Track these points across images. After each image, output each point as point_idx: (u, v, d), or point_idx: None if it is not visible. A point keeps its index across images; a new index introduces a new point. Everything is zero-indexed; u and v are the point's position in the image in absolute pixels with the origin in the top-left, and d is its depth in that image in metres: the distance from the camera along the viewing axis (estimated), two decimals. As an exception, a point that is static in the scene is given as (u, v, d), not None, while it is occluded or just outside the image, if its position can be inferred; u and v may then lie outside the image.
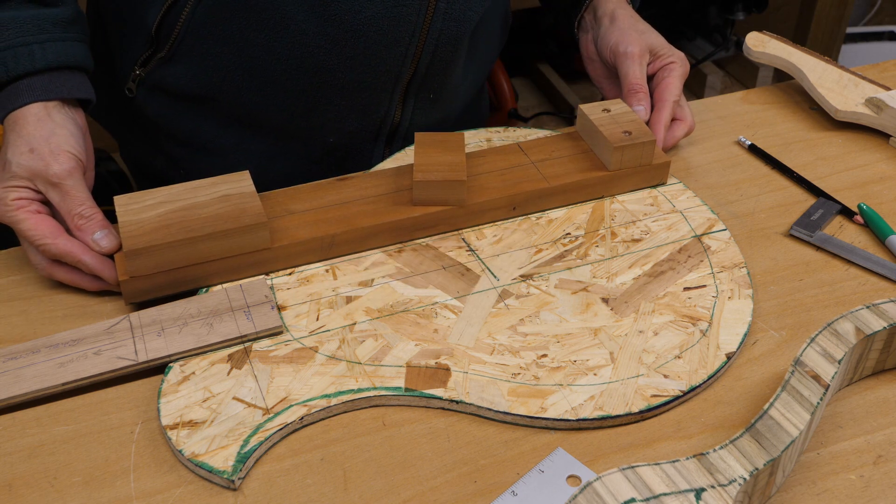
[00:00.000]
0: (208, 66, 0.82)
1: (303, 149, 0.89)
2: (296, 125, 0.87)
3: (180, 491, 0.54)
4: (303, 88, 0.83)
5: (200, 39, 0.81)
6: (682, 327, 0.65)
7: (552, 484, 0.55)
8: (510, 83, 1.82)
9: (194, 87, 0.84)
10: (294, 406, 0.58)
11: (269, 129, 0.87)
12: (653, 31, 0.87)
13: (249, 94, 0.84)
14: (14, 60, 0.69)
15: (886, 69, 1.00)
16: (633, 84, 0.83)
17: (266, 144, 0.89)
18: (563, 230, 0.74)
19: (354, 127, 0.88)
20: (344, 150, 0.90)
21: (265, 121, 0.87)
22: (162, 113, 0.87)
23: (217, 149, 0.89)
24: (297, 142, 0.89)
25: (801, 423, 0.53)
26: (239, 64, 0.82)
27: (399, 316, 0.65)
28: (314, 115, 0.86)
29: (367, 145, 0.91)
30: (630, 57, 0.84)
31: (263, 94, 0.84)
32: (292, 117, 0.86)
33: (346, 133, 0.89)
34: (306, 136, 0.88)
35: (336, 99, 0.85)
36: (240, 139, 0.88)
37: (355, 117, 0.87)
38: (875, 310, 0.60)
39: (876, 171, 0.83)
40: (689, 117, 0.84)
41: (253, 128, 0.87)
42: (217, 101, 0.85)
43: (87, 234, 0.66)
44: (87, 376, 0.60)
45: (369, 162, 0.91)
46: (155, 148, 0.91)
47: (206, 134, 0.88)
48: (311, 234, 0.69)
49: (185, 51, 0.82)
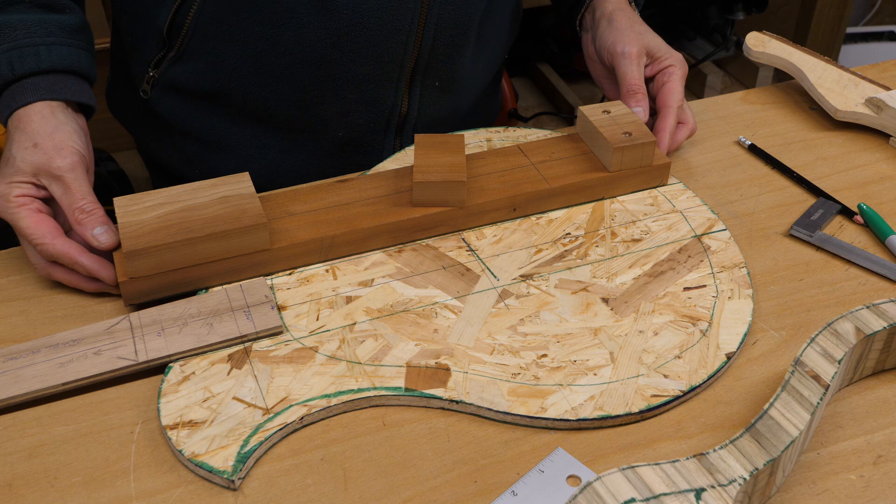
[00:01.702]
0: (217, 63, 0.84)
1: (314, 143, 0.91)
2: (305, 120, 0.88)
3: (180, 491, 0.54)
4: (308, 82, 0.85)
5: (208, 36, 0.82)
6: (682, 327, 0.65)
7: (552, 484, 0.55)
8: (510, 83, 1.82)
9: (205, 84, 0.86)
10: (294, 406, 0.58)
11: (280, 124, 0.89)
12: (651, 33, 0.87)
13: (258, 90, 0.86)
14: (20, 60, 0.70)
15: (886, 69, 1.00)
16: (631, 85, 0.83)
17: (278, 140, 0.90)
18: (563, 230, 0.74)
19: (363, 119, 0.89)
20: (355, 144, 0.91)
21: (275, 116, 0.88)
22: (175, 112, 0.89)
23: (230, 145, 0.90)
24: (308, 136, 0.90)
25: (801, 423, 0.53)
26: (246, 59, 0.84)
27: (399, 316, 0.65)
28: (322, 108, 0.87)
29: (377, 137, 0.91)
30: (627, 58, 0.84)
31: (271, 88, 0.85)
32: (301, 112, 0.87)
33: (356, 126, 0.90)
34: (316, 130, 0.89)
35: (342, 91, 0.86)
36: (252, 135, 0.90)
37: (362, 110, 0.88)
38: (875, 310, 0.60)
39: (876, 171, 0.83)
40: (690, 120, 0.84)
41: (264, 124, 0.89)
42: (228, 98, 0.87)
43: (88, 228, 0.66)
44: (87, 376, 0.60)
45: (381, 154, 0.92)
46: (170, 147, 0.93)
47: (219, 131, 0.89)
48: (310, 236, 0.69)
49: (194, 48, 0.83)
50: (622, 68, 0.84)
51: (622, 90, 0.83)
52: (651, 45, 0.85)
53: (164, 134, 0.92)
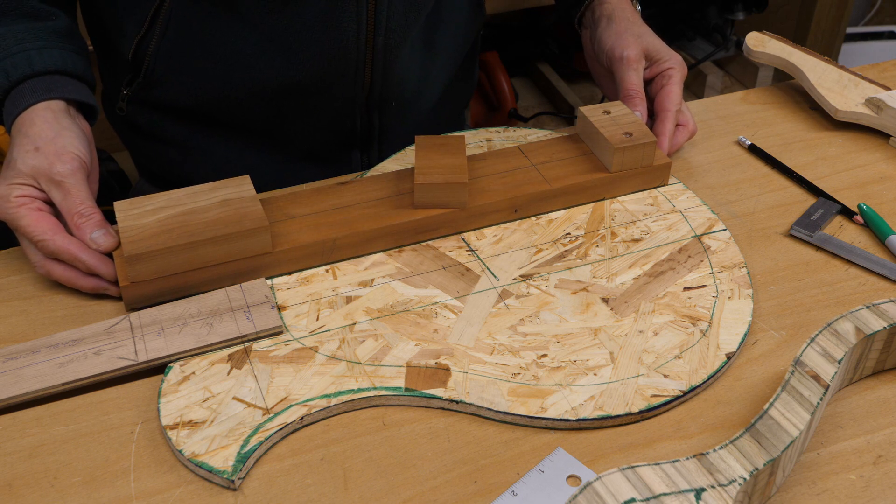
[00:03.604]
0: (182, 91, 0.86)
1: (288, 151, 0.92)
2: (273, 133, 0.90)
3: (180, 491, 0.54)
4: (268, 113, 0.87)
5: (170, 69, 0.84)
6: (682, 327, 0.65)
7: (552, 484, 0.55)
8: (510, 83, 1.82)
9: (176, 104, 0.88)
10: (294, 406, 0.58)
11: (252, 135, 0.90)
12: (650, 34, 0.87)
13: (225, 111, 0.87)
14: (13, 67, 0.70)
15: (886, 69, 1.00)
16: (629, 90, 0.82)
17: (252, 148, 0.91)
18: (563, 230, 0.74)
19: (326, 138, 0.91)
20: (322, 156, 0.93)
21: (246, 130, 0.90)
22: (153, 124, 0.90)
23: (209, 152, 0.91)
24: (281, 145, 0.91)
25: (801, 423, 0.53)
26: (206, 90, 0.86)
27: (399, 316, 0.65)
28: (284, 128, 0.89)
29: (343, 154, 0.93)
30: (626, 62, 0.83)
31: (234, 114, 0.87)
32: (269, 127, 0.89)
33: (321, 143, 0.92)
34: (287, 141, 0.91)
35: (301, 118, 0.88)
36: (228, 144, 0.91)
37: (322, 132, 0.90)
38: (875, 310, 0.60)
39: (876, 171, 0.83)
40: (690, 121, 0.84)
41: (239, 134, 0.90)
42: (200, 114, 0.88)
43: (86, 232, 0.66)
44: (87, 376, 0.60)
45: (349, 166, 0.94)
46: (153, 153, 0.94)
47: (197, 140, 0.91)
48: (312, 238, 0.69)
49: (158, 78, 0.85)
50: (620, 73, 0.84)
51: (620, 95, 0.83)
52: (650, 48, 0.85)
53: (143, 142, 0.93)
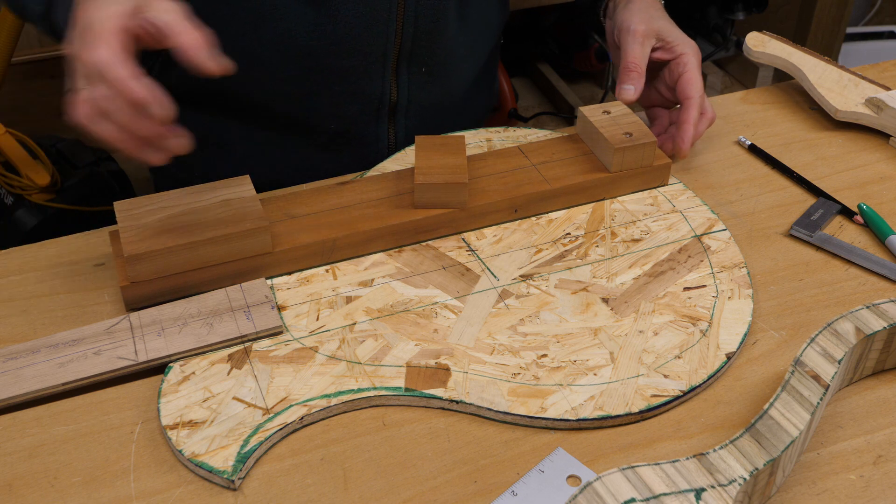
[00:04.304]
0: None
1: (309, 138, 0.91)
2: (297, 114, 0.88)
3: (180, 491, 0.54)
4: (295, 74, 0.85)
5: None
6: (682, 327, 0.65)
7: (552, 484, 0.55)
8: (510, 83, 1.82)
9: (195, 85, 0.85)
10: (294, 406, 0.58)
11: (273, 121, 0.89)
12: (666, 18, 0.85)
13: (247, 87, 0.86)
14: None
15: (886, 69, 1.00)
16: (629, 62, 0.80)
17: (273, 136, 0.90)
18: (563, 230, 0.74)
19: (353, 110, 0.89)
20: (348, 135, 0.91)
21: (267, 113, 0.88)
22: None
23: (226, 143, 0.90)
24: (302, 131, 0.90)
25: (801, 423, 0.53)
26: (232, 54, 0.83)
27: (399, 316, 0.65)
28: (312, 101, 0.88)
29: (370, 127, 0.91)
30: (633, 35, 0.81)
31: (259, 84, 0.86)
32: (292, 106, 0.88)
33: (347, 118, 0.90)
34: (309, 124, 0.90)
35: (329, 83, 0.86)
36: (247, 134, 0.90)
37: (352, 100, 0.88)
38: (875, 310, 0.60)
39: (876, 171, 0.83)
40: (709, 109, 0.82)
41: (257, 121, 0.89)
42: (219, 99, 0.87)
43: None
44: (87, 376, 0.60)
45: (376, 144, 0.92)
46: None
47: (214, 130, 0.89)
48: (312, 238, 0.69)
49: None
50: (625, 45, 0.82)
51: (620, 66, 0.82)
52: (662, 30, 0.83)
53: None
